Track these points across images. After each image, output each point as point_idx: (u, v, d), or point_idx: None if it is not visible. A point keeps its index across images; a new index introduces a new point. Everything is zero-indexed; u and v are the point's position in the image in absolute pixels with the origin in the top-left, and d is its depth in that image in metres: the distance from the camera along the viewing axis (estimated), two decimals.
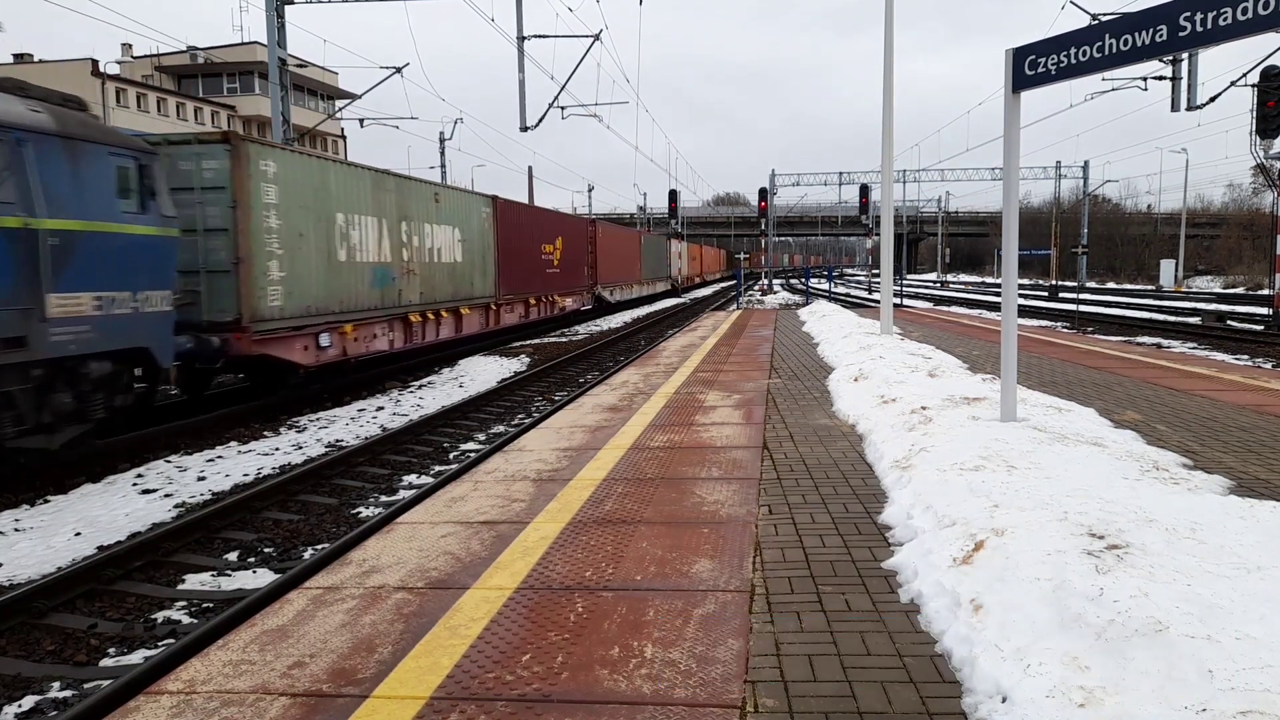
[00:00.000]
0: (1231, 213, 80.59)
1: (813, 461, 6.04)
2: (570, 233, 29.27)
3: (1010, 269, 6.29)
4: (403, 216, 16.50)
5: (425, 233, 17.50)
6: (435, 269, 17.95)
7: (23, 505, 8.30)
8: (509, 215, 22.69)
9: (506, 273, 22.17)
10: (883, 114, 13.67)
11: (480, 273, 20.45)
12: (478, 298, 20.30)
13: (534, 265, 24.86)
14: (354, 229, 14.61)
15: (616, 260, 36.93)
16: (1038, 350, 12.87)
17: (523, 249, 23.71)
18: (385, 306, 15.67)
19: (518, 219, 23.51)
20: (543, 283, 25.69)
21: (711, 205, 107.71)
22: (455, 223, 19.01)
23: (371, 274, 15.20)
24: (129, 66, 54.06)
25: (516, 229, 23.16)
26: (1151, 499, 3.99)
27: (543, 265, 25.77)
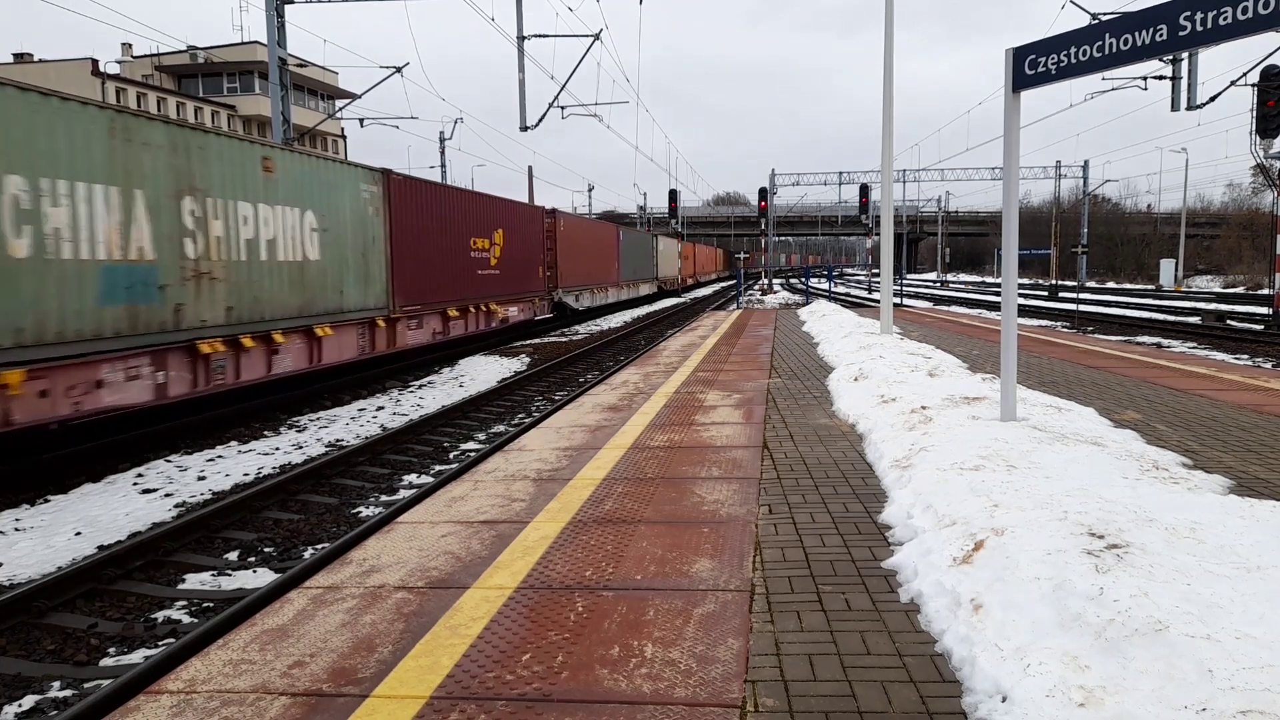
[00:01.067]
0: (1231, 212, 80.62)
1: (813, 461, 6.04)
2: (516, 224, 23.46)
3: (1010, 269, 6.29)
4: (187, 189, 10.63)
5: (240, 216, 11.64)
6: (263, 271, 12.11)
7: (23, 505, 8.30)
8: (411, 198, 16.95)
9: (407, 276, 16.52)
10: (883, 114, 13.67)
11: (358, 276, 14.75)
12: (351, 312, 14.39)
13: (457, 265, 18.99)
14: (58, 205, 8.84)
15: (585, 259, 31.43)
16: (1038, 350, 12.87)
17: (437, 244, 18.03)
18: (140, 332, 9.87)
19: (426, 203, 17.75)
20: (472, 287, 19.89)
21: (711, 205, 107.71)
22: (306, 204, 13.24)
23: (102, 280, 9.40)
24: (129, 66, 54.08)
25: (425, 217, 17.58)
26: (1151, 498, 3.99)
27: (472, 265, 19.98)
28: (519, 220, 23.98)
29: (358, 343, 14.72)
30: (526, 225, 24.58)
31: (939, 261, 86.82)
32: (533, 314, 25.05)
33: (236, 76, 57.25)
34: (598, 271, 33.65)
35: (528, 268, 24.55)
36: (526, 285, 24.34)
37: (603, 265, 34.64)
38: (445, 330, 18.42)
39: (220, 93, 57.61)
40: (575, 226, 30.62)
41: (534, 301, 25.13)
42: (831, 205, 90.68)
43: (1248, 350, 20.09)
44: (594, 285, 32.84)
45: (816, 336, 15.64)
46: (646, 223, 70.77)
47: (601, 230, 36.37)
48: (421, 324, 17.31)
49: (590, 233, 33.56)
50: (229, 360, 11.34)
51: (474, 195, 21.32)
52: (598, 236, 34.67)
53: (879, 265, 15.71)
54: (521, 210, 24.67)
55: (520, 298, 23.72)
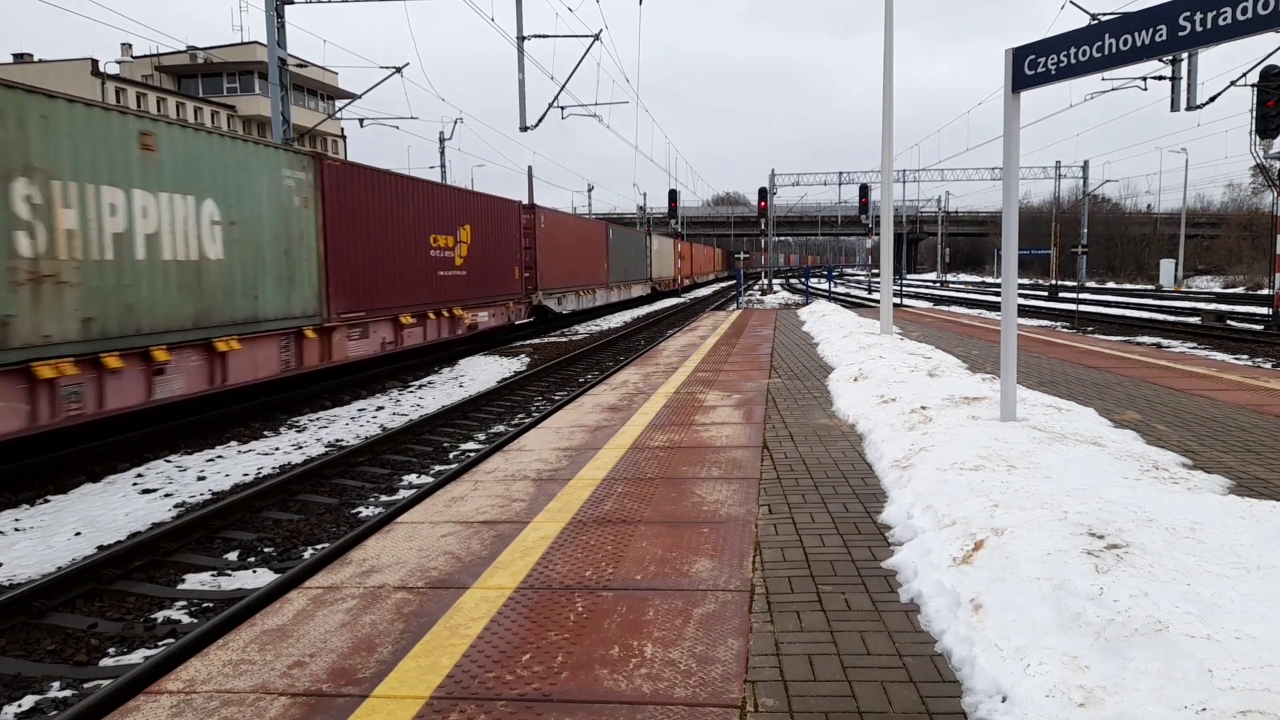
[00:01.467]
0: (1231, 213, 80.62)
1: (813, 461, 6.04)
2: (487, 220, 21.01)
3: (1010, 269, 6.29)
4: (20, 169, 8.40)
5: (106, 205, 9.39)
6: (140, 273, 9.86)
7: (23, 505, 8.30)
8: (352, 187, 14.56)
9: (347, 277, 14.17)
10: (882, 114, 13.67)
11: (279, 278, 12.29)
12: (270, 320, 12.01)
13: (413, 266, 16.82)
14: None
15: (570, 258, 29.04)
16: (1038, 350, 12.87)
17: (387, 241, 15.79)
18: None
19: (374, 194, 15.40)
20: (432, 290, 17.72)
21: (711, 205, 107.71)
22: (204, 191, 10.96)
23: None
24: (129, 66, 54.06)
25: (373, 210, 15.26)
26: (1151, 498, 3.99)
27: (433, 265, 17.79)
28: (490, 216, 21.39)
29: (279, 357, 12.35)
30: (499, 221, 22.00)
31: (939, 261, 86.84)
32: (508, 319, 22.51)
33: (236, 76, 57.24)
34: (584, 272, 31.27)
35: (501, 268, 22.03)
36: (500, 287, 21.80)
37: (590, 265, 32.37)
38: (398, 340, 16.15)
39: (220, 93, 57.60)
40: (558, 223, 28.11)
41: (508, 305, 22.61)
42: (831, 205, 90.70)
43: (1248, 350, 20.09)
44: (580, 287, 30.49)
45: (816, 336, 15.64)
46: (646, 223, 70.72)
47: (588, 228, 33.93)
48: (367, 333, 14.96)
49: (576, 230, 30.95)
50: (87, 385, 9.03)
51: (434, 187, 18.82)
52: (584, 234, 32.27)
53: (879, 265, 15.71)
54: (493, 205, 21.81)
55: (492, 301, 21.30)
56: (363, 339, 14.92)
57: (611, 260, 35.86)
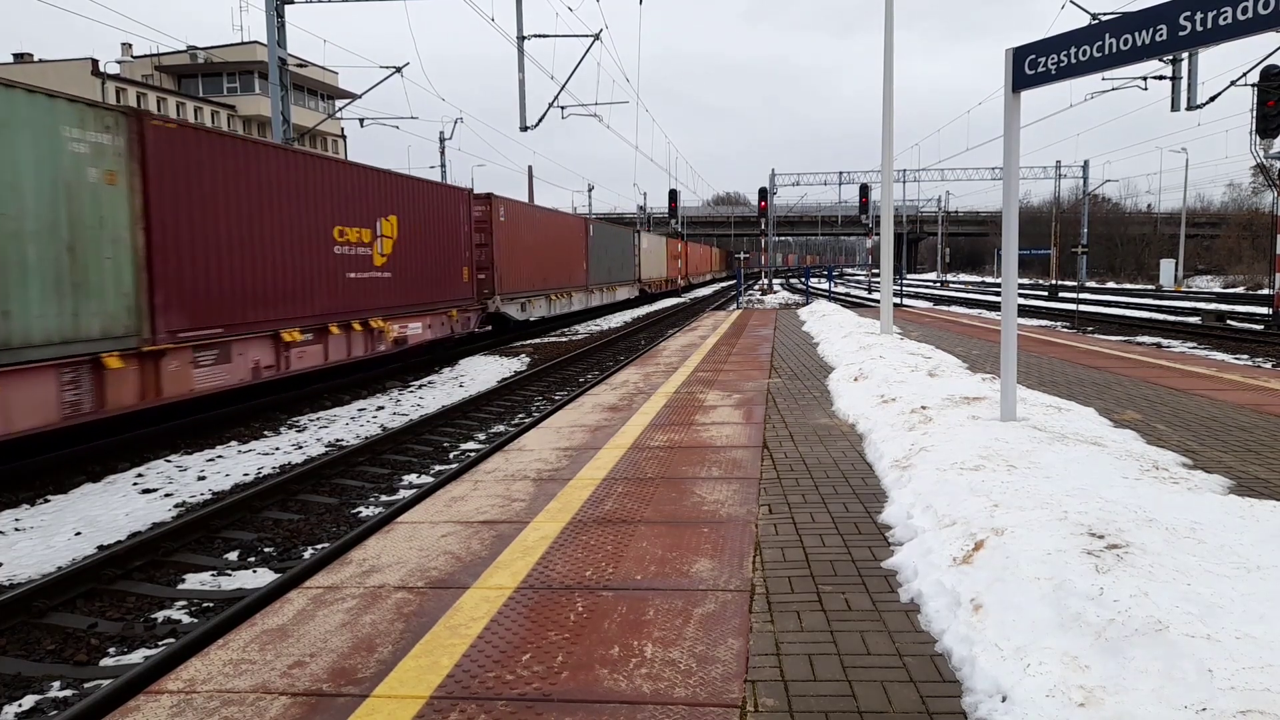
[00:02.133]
0: (1231, 212, 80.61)
1: (813, 461, 6.04)
2: (421, 211, 17.39)
3: (1010, 269, 6.29)
4: None
5: None
6: None
7: (23, 505, 8.30)
8: (200, 160, 10.95)
9: (190, 282, 10.69)
10: (883, 113, 13.67)
11: (50, 285, 8.68)
12: (35, 346, 8.45)
13: (306, 266, 13.18)
14: None
15: (539, 258, 25.40)
16: (1038, 350, 12.87)
17: (261, 234, 12.03)
18: None
19: (238, 171, 11.60)
20: (338, 297, 14.12)
21: (711, 205, 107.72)
22: None
23: None
24: (129, 66, 54.08)
25: (235, 193, 11.50)
26: (1151, 498, 3.99)
27: (338, 266, 14.17)
28: (426, 206, 17.73)
29: (59, 399, 8.63)
30: (441, 213, 18.41)
31: (939, 261, 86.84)
32: (450, 331, 18.78)
33: (236, 76, 57.25)
34: (558, 273, 27.74)
35: (443, 269, 18.43)
36: (441, 292, 18.28)
37: (565, 265, 28.76)
38: (282, 362, 12.51)
39: (220, 93, 57.61)
40: (523, 217, 24.38)
41: (450, 315, 18.72)
42: (831, 205, 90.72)
43: (1248, 350, 20.09)
44: (552, 290, 27.00)
45: (816, 336, 15.64)
46: (647, 222, 70.72)
47: (563, 223, 29.63)
48: (228, 355, 11.27)
49: (546, 226, 26.88)
50: None
51: (341, 166, 14.88)
52: (558, 231, 28.26)
53: (879, 265, 15.71)
54: (430, 193, 18.10)
55: (430, 309, 17.71)
56: (221, 364, 11.19)
57: (592, 260, 32.53)
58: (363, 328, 15.00)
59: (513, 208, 23.43)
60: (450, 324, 18.81)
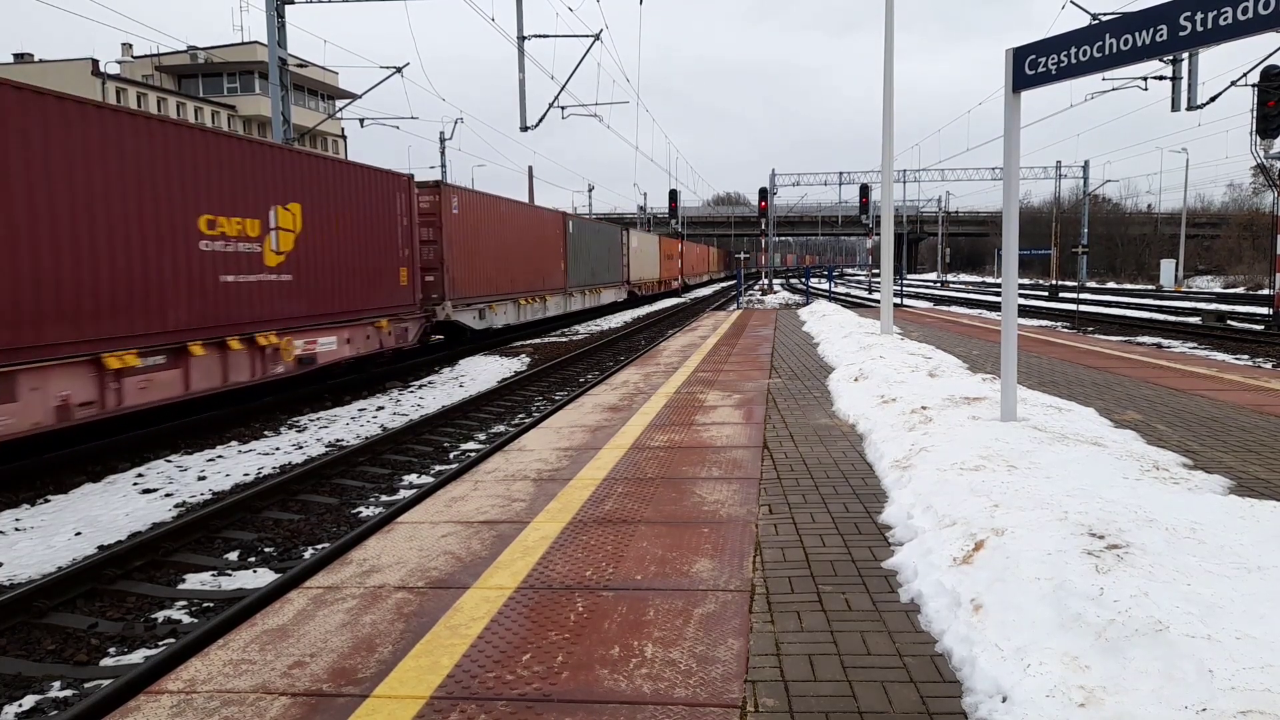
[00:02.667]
0: (1232, 213, 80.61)
1: (813, 461, 6.04)
2: (337, 199, 14.04)
3: (1010, 269, 6.29)
4: None
5: None
6: None
7: (23, 505, 8.31)
8: None
9: None
10: (883, 113, 13.67)
11: None
12: None
13: (155, 266, 10.25)
14: None
15: (505, 257, 22.51)
16: (1038, 350, 12.87)
17: (72, 221, 9.08)
18: None
19: (33, 133, 8.55)
20: (205, 307, 11.05)
21: (711, 205, 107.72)
22: None
23: None
24: (129, 66, 54.12)
25: (20, 164, 8.46)
26: (1152, 499, 3.99)
27: (206, 266, 11.10)
28: (346, 193, 14.36)
29: None
30: (367, 202, 15.06)
31: (939, 261, 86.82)
32: (379, 345, 15.52)
33: (236, 76, 57.27)
34: (528, 274, 24.64)
35: (370, 270, 15.16)
36: (367, 297, 15.01)
37: (538, 266, 25.85)
38: (108, 397, 9.44)
39: (220, 93, 57.63)
40: (482, 210, 21.14)
41: (379, 325, 15.34)
42: (832, 205, 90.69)
43: (1248, 350, 20.09)
44: (522, 293, 24.02)
45: (816, 337, 15.64)
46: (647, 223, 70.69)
47: (535, 219, 26.13)
48: (13, 392, 8.27)
49: (513, 221, 23.56)
50: None
51: (211, 138, 11.29)
52: (529, 227, 25.06)
53: (879, 265, 15.71)
54: (350, 176, 14.68)
55: (352, 319, 14.41)
56: None
57: (572, 260, 29.36)
58: (246, 345, 11.74)
59: (469, 199, 20.48)
60: (380, 336, 15.53)
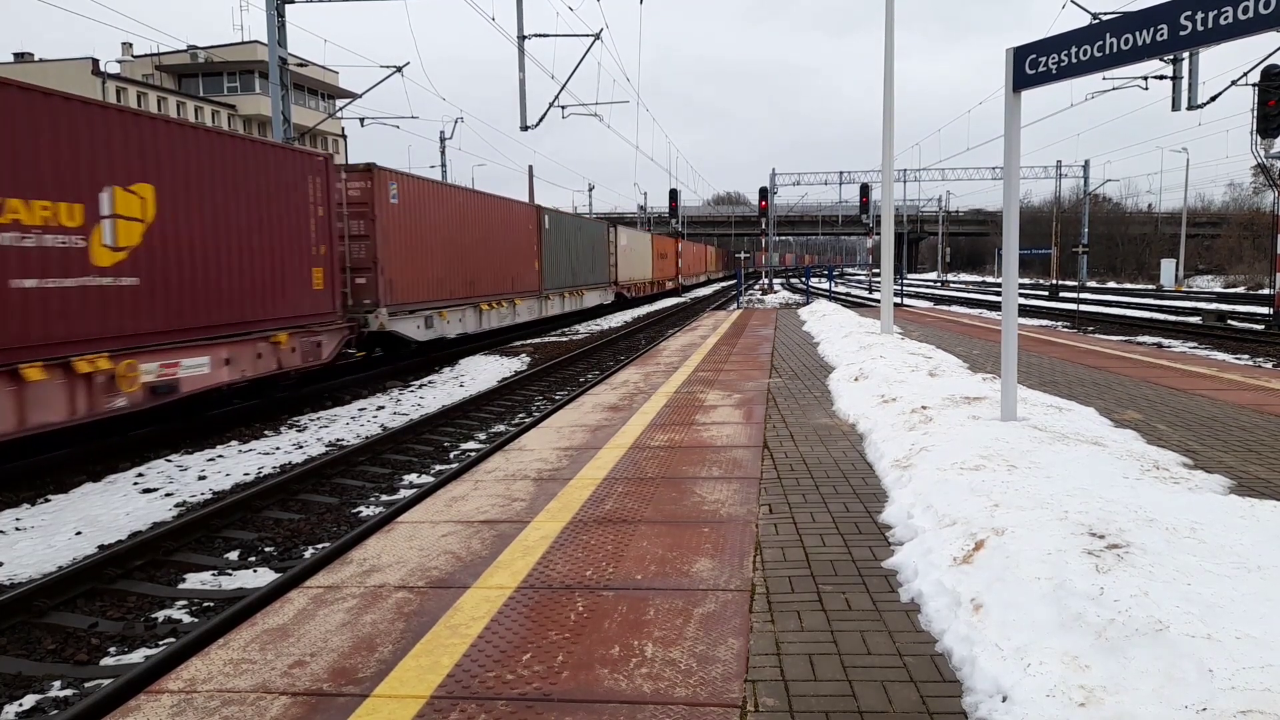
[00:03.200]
0: (1232, 212, 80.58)
1: (813, 461, 6.04)
2: (208, 178, 11.08)
3: (1011, 268, 6.29)
4: None
5: None
6: None
7: (23, 504, 8.31)
8: None
9: None
10: (883, 113, 13.67)
11: None
12: None
13: None
14: None
15: (459, 255, 19.39)
16: (1038, 350, 12.87)
17: None
18: None
19: None
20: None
21: (712, 204, 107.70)
22: None
23: None
24: (129, 66, 54.11)
25: None
26: (1152, 498, 3.99)
27: None
28: (227, 173, 11.26)
29: None
30: (258, 185, 11.81)
31: (939, 261, 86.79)
32: (278, 364, 12.20)
33: (237, 76, 57.26)
34: (491, 275, 21.47)
35: (267, 272, 12.06)
36: (262, 305, 11.91)
37: (505, 266, 22.67)
38: None
39: (220, 92, 57.61)
40: (429, 200, 18.08)
41: (276, 341, 12.12)
42: (832, 205, 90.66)
43: (1248, 350, 20.08)
44: (483, 298, 20.84)
45: (817, 336, 15.64)
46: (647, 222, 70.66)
47: (499, 211, 22.54)
48: None
49: (472, 214, 20.27)
50: None
51: None
52: (493, 221, 21.64)
53: (879, 265, 15.70)
54: (237, 152, 11.57)
55: (239, 334, 11.46)
56: None
57: (548, 259, 26.30)
58: (57, 373, 8.67)
59: (414, 188, 17.53)
60: (278, 354, 12.21)
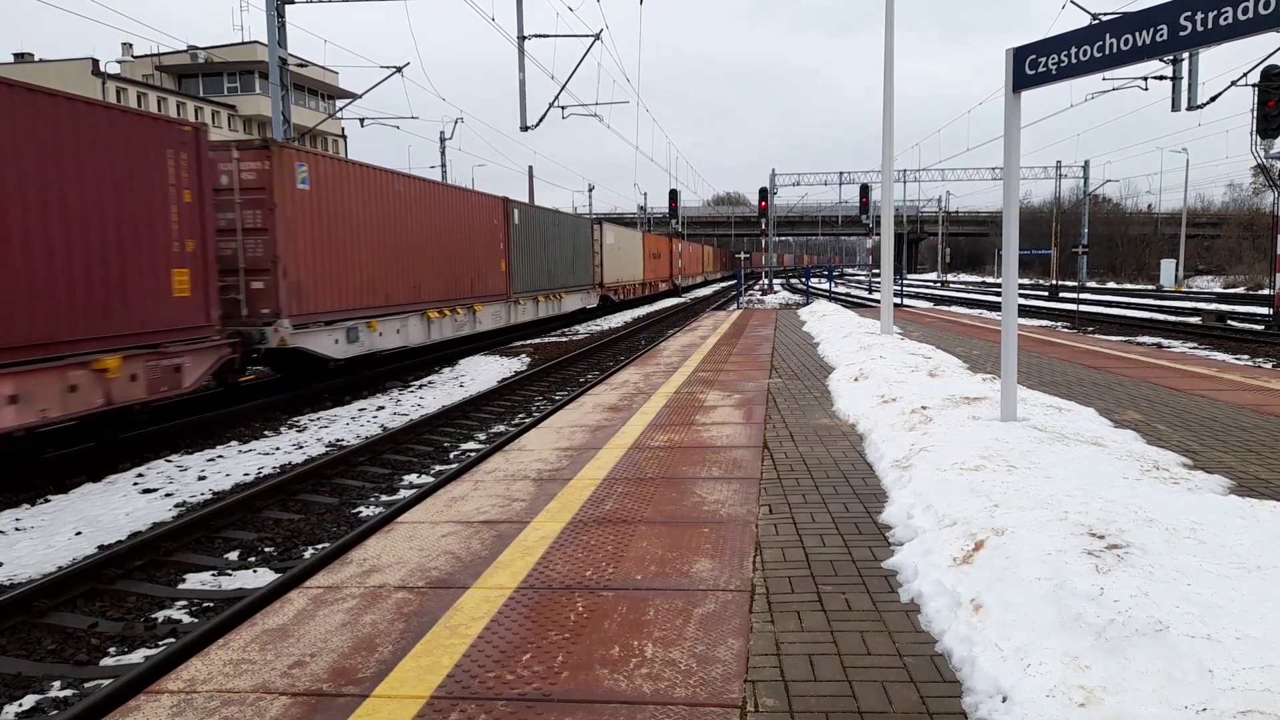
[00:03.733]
0: (1232, 213, 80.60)
1: (813, 461, 6.04)
2: (6, 137, 7.97)
3: (1010, 269, 6.29)
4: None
5: None
6: None
7: (23, 504, 8.30)
8: None
9: None
10: (883, 114, 13.67)
11: None
12: None
13: None
14: None
15: (394, 254, 16.07)
16: (1038, 350, 12.87)
17: None
18: None
19: None
20: None
21: (712, 205, 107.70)
22: None
23: None
24: (129, 66, 54.04)
25: None
26: (1152, 499, 3.99)
27: None
28: (30, 134, 8.45)
29: None
30: (87, 159, 9.17)
31: (939, 261, 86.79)
32: (103, 399, 9.34)
33: (236, 76, 57.26)
34: (444, 277, 18.07)
35: (100, 275, 9.36)
36: (87, 321, 9.16)
37: (463, 265, 19.24)
38: None
39: (220, 92, 57.62)
40: (354, 186, 14.84)
41: (98, 367, 9.20)
42: (832, 205, 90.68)
43: (1248, 350, 20.08)
44: (432, 304, 17.53)
45: (817, 337, 15.64)
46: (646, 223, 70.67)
47: (456, 204, 19.05)
48: None
49: (415, 205, 16.93)
50: None
51: None
52: (448, 214, 18.33)
53: (879, 265, 15.70)
54: (48, 112, 8.68)
55: (42, 360, 8.60)
56: None
57: (518, 258, 22.84)
58: None
59: (330, 170, 14.14)
60: (105, 385, 9.36)
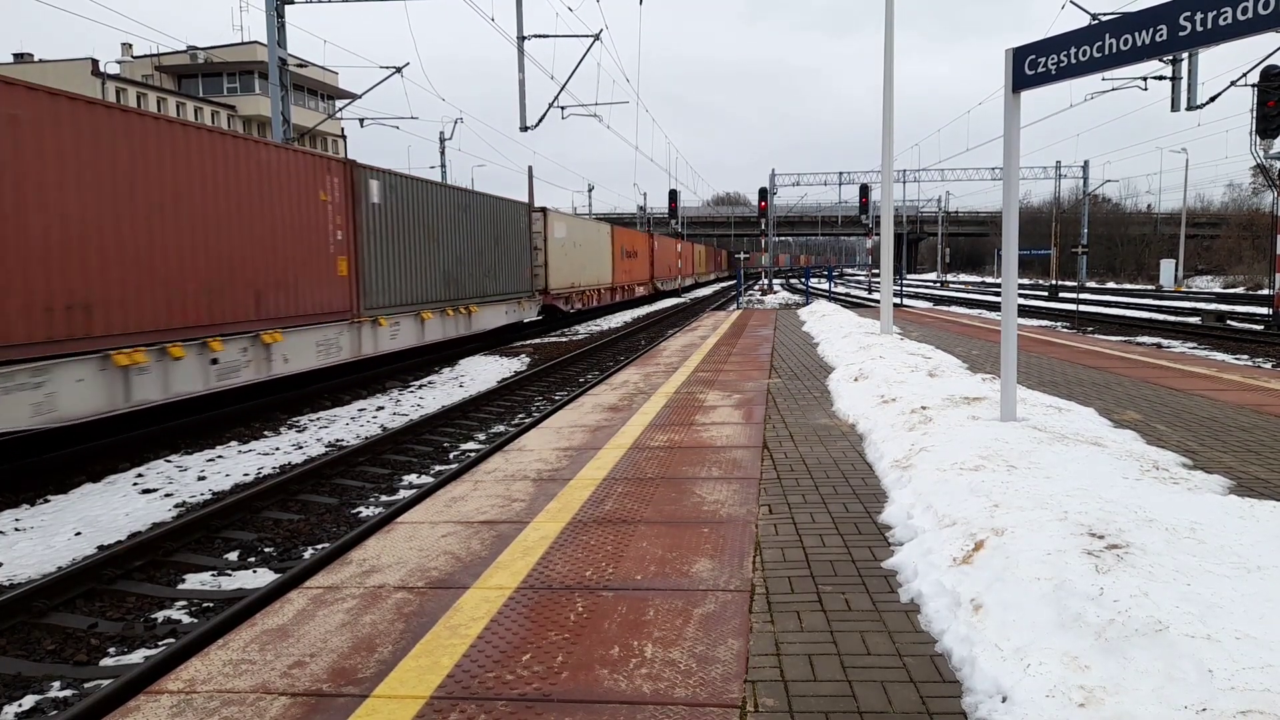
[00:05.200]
0: (1231, 213, 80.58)
1: (813, 461, 6.04)
2: None
3: (1010, 269, 6.29)
4: None
5: None
6: None
7: (23, 505, 8.30)
8: None
9: None
10: (883, 114, 13.67)
11: None
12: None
13: None
14: None
15: (82, 248, 8.92)
16: (1038, 350, 12.87)
17: None
18: None
19: None
20: None
21: (711, 205, 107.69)
22: None
23: None
24: (129, 66, 54.07)
25: None
26: (1151, 499, 3.99)
27: None
28: None
29: None
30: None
31: (939, 262, 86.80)
32: None
33: (236, 76, 57.25)
34: (192, 288, 10.68)
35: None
36: None
37: (256, 268, 12.01)
38: None
39: (220, 93, 57.61)
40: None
41: None
42: (831, 205, 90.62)
43: (1248, 350, 20.08)
44: (171, 334, 10.24)
45: (816, 337, 15.64)
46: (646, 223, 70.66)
47: (249, 163, 11.77)
48: None
49: (132, 156, 9.64)
50: None
51: None
52: (231, 181, 11.35)
53: (879, 265, 15.71)
54: None
55: None
56: None
57: (376, 256, 15.51)
58: None
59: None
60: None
